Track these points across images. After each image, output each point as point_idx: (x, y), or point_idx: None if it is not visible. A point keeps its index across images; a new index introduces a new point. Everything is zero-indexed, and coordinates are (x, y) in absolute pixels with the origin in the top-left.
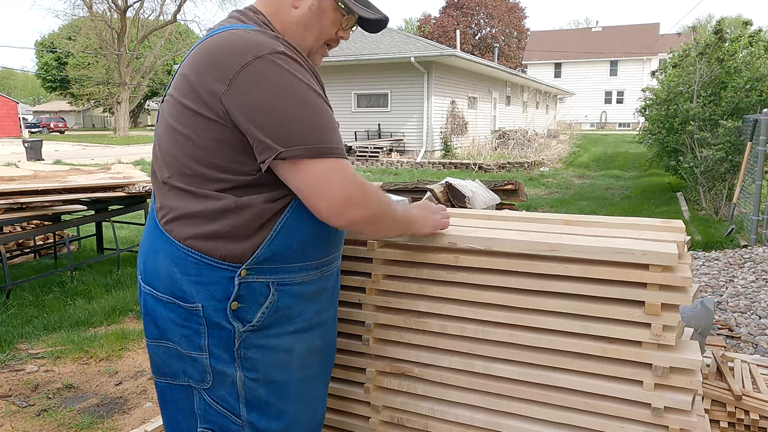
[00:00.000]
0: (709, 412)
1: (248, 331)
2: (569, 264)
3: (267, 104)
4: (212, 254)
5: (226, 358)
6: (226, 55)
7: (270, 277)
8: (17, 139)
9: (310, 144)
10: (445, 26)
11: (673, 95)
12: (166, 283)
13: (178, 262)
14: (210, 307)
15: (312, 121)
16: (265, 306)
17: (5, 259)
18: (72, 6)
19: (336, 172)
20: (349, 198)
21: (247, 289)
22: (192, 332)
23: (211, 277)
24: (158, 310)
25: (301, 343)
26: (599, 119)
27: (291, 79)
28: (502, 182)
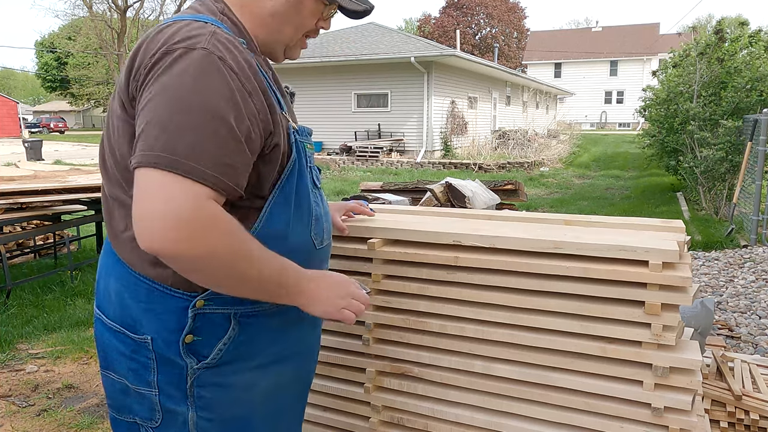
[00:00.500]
0: (709, 412)
1: (203, 369)
2: (570, 263)
3: (152, 101)
4: (162, 280)
5: (177, 395)
6: (151, 47)
7: (231, 308)
8: (17, 139)
9: (154, 150)
10: (445, 26)
11: (673, 95)
12: (117, 309)
13: (128, 287)
14: (161, 339)
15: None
16: (223, 341)
17: (5, 259)
18: (72, 6)
19: (162, 187)
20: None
21: (203, 321)
22: (140, 366)
23: (163, 306)
24: (106, 339)
25: (266, 378)
26: (599, 119)
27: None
28: (502, 182)
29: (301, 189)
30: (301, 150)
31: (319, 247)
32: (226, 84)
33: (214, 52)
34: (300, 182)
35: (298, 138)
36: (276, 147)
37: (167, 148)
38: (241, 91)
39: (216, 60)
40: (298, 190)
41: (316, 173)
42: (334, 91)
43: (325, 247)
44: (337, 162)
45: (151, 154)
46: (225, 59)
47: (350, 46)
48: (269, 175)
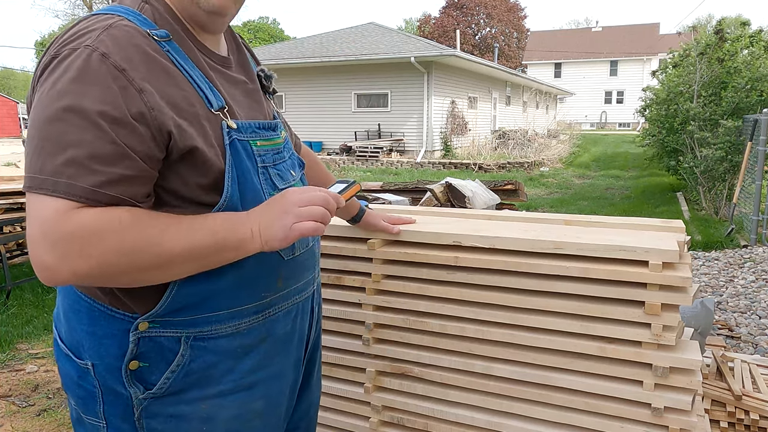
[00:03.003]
0: (709, 412)
1: (149, 398)
2: (569, 263)
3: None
4: (102, 300)
5: (125, 428)
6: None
7: (183, 330)
8: (17, 139)
9: (30, 172)
10: (445, 26)
11: (673, 95)
12: (66, 331)
13: (72, 307)
14: (102, 366)
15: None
16: (171, 368)
17: (5, 259)
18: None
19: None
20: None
21: (150, 345)
22: (87, 394)
23: (104, 329)
24: (60, 361)
25: (228, 408)
26: (599, 119)
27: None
28: (502, 182)
29: (247, 193)
30: (240, 150)
31: (288, 257)
32: (103, 84)
33: (98, 48)
34: (245, 186)
35: (236, 136)
36: (194, 149)
37: (36, 166)
38: (126, 90)
39: (97, 57)
40: (244, 194)
41: (284, 172)
42: (334, 91)
43: (298, 257)
44: (337, 162)
45: (26, 176)
46: (109, 55)
47: (350, 46)
48: (199, 179)
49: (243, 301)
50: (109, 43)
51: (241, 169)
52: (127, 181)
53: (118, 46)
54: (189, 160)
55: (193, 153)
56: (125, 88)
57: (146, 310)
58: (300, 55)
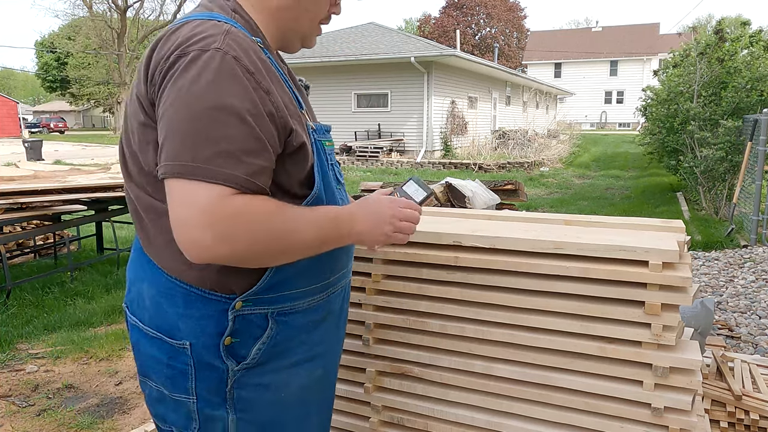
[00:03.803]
0: (709, 412)
1: (243, 370)
2: (569, 263)
3: (168, 109)
4: (200, 285)
5: (216, 400)
6: (166, 49)
7: (268, 307)
8: (17, 139)
9: (177, 160)
10: (445, 26)
11: (673, 95)
12: (153, 315)
13: (166, 293)
14: (199, 344)
15: (193, 134)
16: (262, 340)
17: (5, 259)
18: (72, 6)
19: (189, 194)
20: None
21: (242, 323)
22: (177, 373)
23: (201, 310)
24: (142, 345)
25: (299, 376)
26: (599, 119)
27: (200, 84)
28: (502, 182)
29: (326, 187)
30: (320, 148)
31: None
32: (242, 84)
33: (228, 52)
34: (325, 180)
35: (315, 137)
36: (303, 145)
37: (187, 155)
38: (258, 91)
39: (231, 60)
40: (326, 188)
41: (338, 170)
42: (334, 91)
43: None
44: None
45: (175, 164)
46: (240, 59)
47: (350, 46)
48: (299, 174)
49: (315, 280)
50: (236, 47)
51: (321, 165)
52: (267, 172)
53: (243, 50)
54: (297, 155)
55: (302, 149)
56: (256, 89)
57: (243, 291)
58: (300, 54)
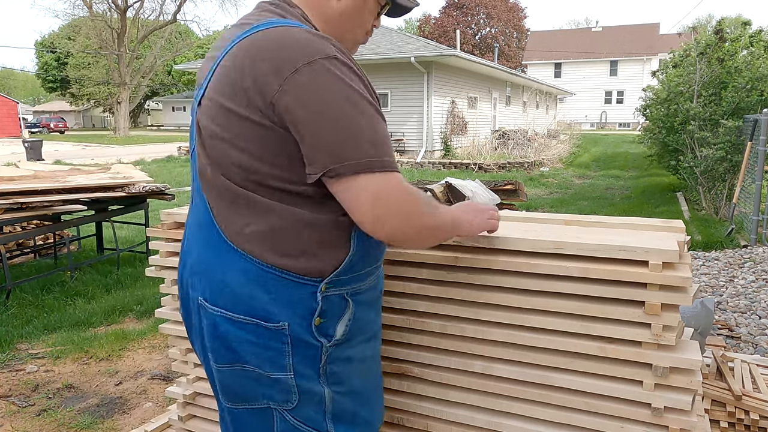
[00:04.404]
0: (709, 412)
1: (333, 346)
2: (569, 263)
3: (318, 114)
4: (293, 270)
5: (311, 375)
6: (276, 55)
7: (344, 288)
8: (17, 139)
9: (357, 159)
10: (445, 26)
11: (673, 95)
12: (244, 302)
13: (257, 280)
14: (295, 324)
15: (360, 134)
16: (347, 318)
17: (5, 259)
18: (72, 6)
19: (381, 186)
20: (395, 214)
21: (327, 304)
22: (275, 352)
23: (293, 295)
24: (233, 333)
25: (371, 349)
26: (599, 119)
27: (344, 89)
28: (502, 182)
29: None
30: None
31: None
32: (367, 86)
33: (338, 56)
34: None
35: None
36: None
37: (358, 153)
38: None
39: (347, 63)
40: None
41: None
42: None
43: None
44: None
45: (353, 163)
46: (351, 64)
47: None
48: None
49: (373, 262)
50: (344, 52)
51: None
52: None
53: (347, 56)
54: None
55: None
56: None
57: (328, 274)
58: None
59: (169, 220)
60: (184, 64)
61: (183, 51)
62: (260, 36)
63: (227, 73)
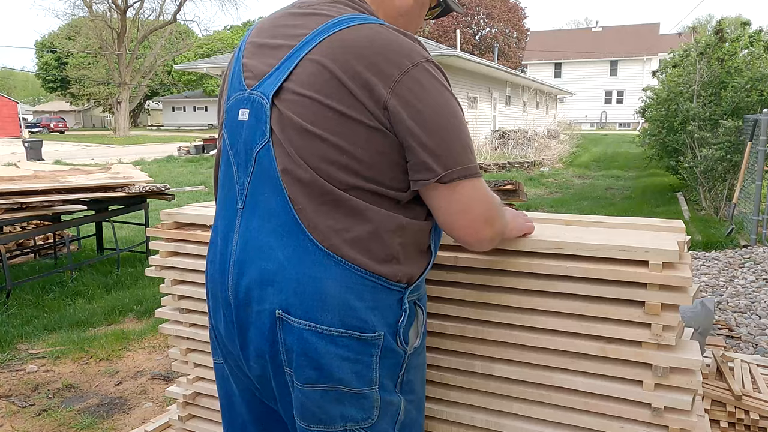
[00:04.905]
0: (709, 412)
1: (411, 353)
2: (570, 263)
3: (428, 119)
4: (388, 276)
5: (391, 386)
6: (383, 56)
7: (416, 294)
8: (17, 139)
9: (463, 164)
10: (445, 26)
11: (673, 95)
12: (339, 313)
13: (353, 288)
14: (388, 333)
15: (464, 139)
16: (420, 324)
17: (5, 259)
18: (72, 6)
19: (478, 192)
20: (486, 219)
21: (407, 311)
22: (363, 366)
23: (385, 302)
24: (323, 348)
25: (425, 355)
26: (599, 119)
27: (445, 93)
28: (502, 182)
29: None
30: None
31: None
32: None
33: (434, 61)
34: None
35: None
36: None
37: (465, 159)
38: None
39: (440, 67)
40: None
41: None
42: None
43: None
44: None
45: (461, 168)
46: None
47: None
48: None
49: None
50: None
51: None
52: None
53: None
54: None
55: None
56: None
57: (415, 280)
58: None
59: (169, 220)
60: (184, 64)
61: (183, 51)
62: (355, 34)
63: (322, 70)
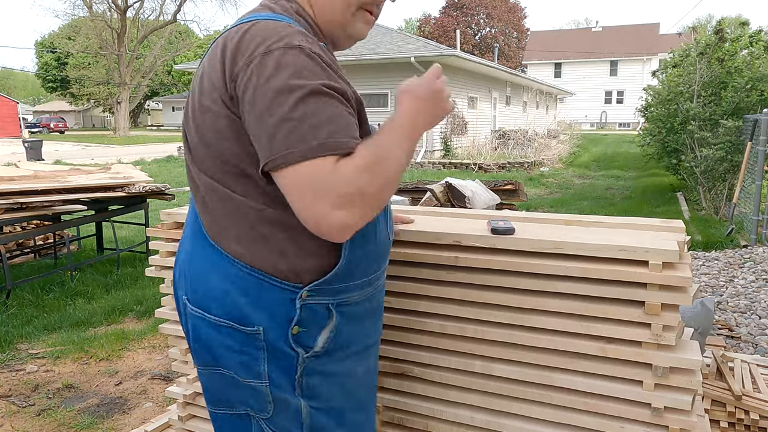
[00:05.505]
0: (709, 412)
1: (311, 357)
2: (570, 263)
3: (256, 107)
4: (272, 273)
5: (287, 386)
6: (240, 48)
7: (330, 298)
8: (17, 139)
9: (287, 149)
10: (445, 26)
11: (673, 95)
12: (223, 304)
13: (237, 281)
14: (271, 330)
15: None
16: (329, 330)
17: (5, 259)
18: (72, 6)
19: (301, 176)
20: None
21: (308, 313)
22: (250, 358)
23: (272, 299)
24: (212, 336)
25: (359, 365)
26: (599, 119)
27: (281, 76)
28: (502, 182)
29: None
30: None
31: (389, 238)
32: (323, 70)
33: (292, 43)
34: None
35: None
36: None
37: (294, 142)
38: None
39: (312, 55)
40: None
41: None
42: None
43: (391, 239)
44: None
45: (286, 153)
46: (321, 56)
47: None
48: None
49: (368, 273)
50: (302, 39)
51: None
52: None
53: (308, 42)
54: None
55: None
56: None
57: (309, 282)
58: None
59: (169, 220)
60: (184, 64)
61: (183, 51)
62: (233, 31)
63: (202, 72)
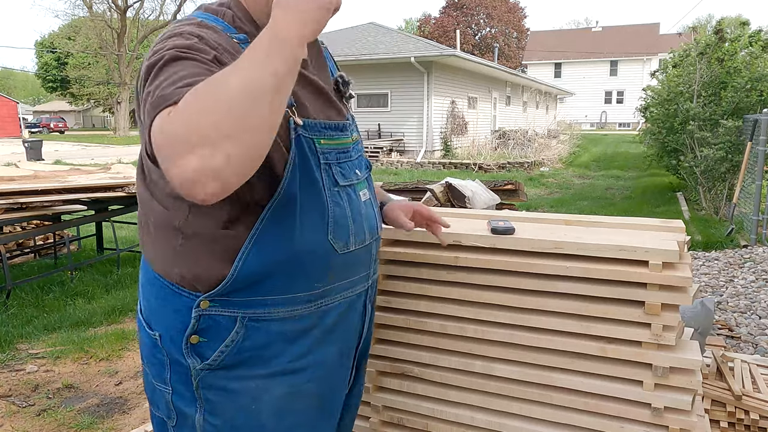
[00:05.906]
0: (709, 412)
1: (206, 370)
2: (570, 263)
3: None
4: (172, 279)
5: (187, 396)
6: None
7: (239, 310)
8: (17, 139)
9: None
10: (445, 26)
11: (673, 95)
12: (145, 307)
13: (146, 286)
14: (167, 337)
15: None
16: (226, 343)
17: (5, 259)
18: (72, 6)
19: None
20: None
21: (209, 323)
22: (159, 363)
23: (171, 305)
24: (140, 335)
25: (278, 387)
26: (599, 119)
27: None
28: (502, 182)
29: (307, 188)
30: (305, 146)
31: (342, 251)
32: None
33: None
34: (305, 181)
35: (302, 133)
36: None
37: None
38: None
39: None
40: (303, 189)
41: (348, 170)
42: None
43: (353, 252)
44: None
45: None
46: (185, 32)
47: (350, 46)
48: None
49: (297, 288)
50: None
51: (304, 164)
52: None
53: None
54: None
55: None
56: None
57: (208, 290)
58: None
59: None
60: None
61: None
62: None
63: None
